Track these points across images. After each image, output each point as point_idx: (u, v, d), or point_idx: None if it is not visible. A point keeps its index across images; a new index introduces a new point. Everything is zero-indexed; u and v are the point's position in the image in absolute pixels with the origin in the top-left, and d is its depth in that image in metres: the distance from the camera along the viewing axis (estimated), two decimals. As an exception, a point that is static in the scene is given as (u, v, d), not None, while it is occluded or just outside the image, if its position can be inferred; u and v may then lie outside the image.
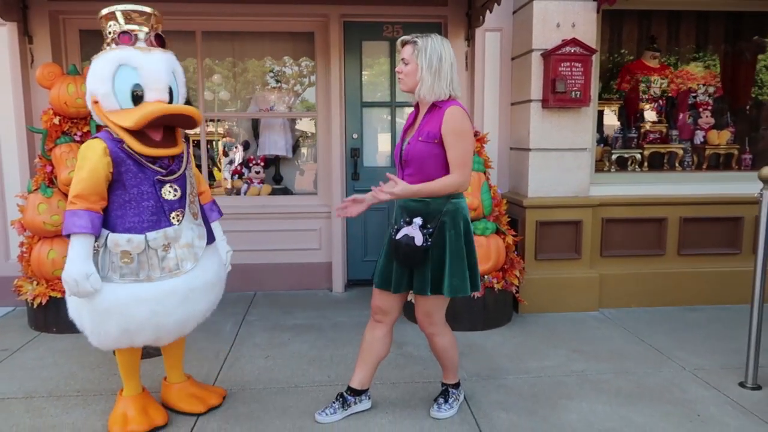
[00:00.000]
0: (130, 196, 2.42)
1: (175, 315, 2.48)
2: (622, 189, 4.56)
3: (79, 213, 2.32)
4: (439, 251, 2.53)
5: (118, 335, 2.44)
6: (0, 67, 4.42)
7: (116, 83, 2.37)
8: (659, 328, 4.03)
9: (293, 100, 5.68)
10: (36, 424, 2.73)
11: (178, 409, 2.79)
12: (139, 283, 2.40)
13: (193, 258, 2.52)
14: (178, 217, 2.50)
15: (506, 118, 4.72)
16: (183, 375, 2.89)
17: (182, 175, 2.56)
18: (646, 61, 5.08)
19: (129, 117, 2.34)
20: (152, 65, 2.41)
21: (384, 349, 2.77)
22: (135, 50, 2.40)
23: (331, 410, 2.77)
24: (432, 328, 2.69)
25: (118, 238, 2.38)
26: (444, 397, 2.84)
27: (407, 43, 2.54)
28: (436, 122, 2.49)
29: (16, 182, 4.49)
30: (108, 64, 2.38)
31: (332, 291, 4.99)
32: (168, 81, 2.46)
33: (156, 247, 2.42)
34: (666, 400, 2.97)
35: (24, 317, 4.16)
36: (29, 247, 4.01)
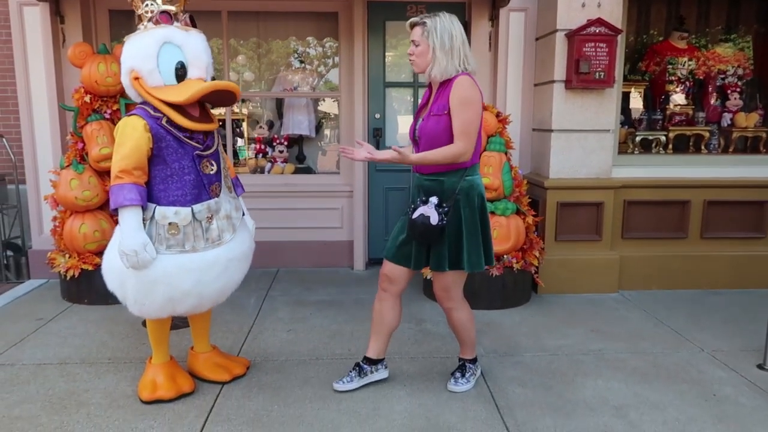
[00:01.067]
0: (171, 171, 2.50)
1: (216, 284, 2.61)
2: (645, 171, 4.53)
3: (127, 186, 2.40)
4: (455, 229, 2.58)
5: (163, 303, 2.54)
6: (33, 47, 4.54)
7: (160, 60, 2.45)
8: (679, 311, 4.03)
9: (317, 80, 5.73)
10: (70, 388, 2.87)
11: (204, 378, 2.90)
12: (185, 254, 2.51)
13: (232, 229, 2.65)
14: (216, 190, 2.61)
15: (529, 99, 4.70)
16: (209, 345, 3.00)
17: (216, 151, 2.66)
18: (673, 42, 5.00)
19: (177, 93, 2.43)
20: (194, 44, 2.51)
21: (394, 319, 2.85)
22: (176, 29, 2.49)
23: (347, 379, 2.87)
24: (450, 303, 2.75)
25: (165, 211, 2.48)
26: (461, 372, 2.89)
27: (416, 25, 2.57)
28: (445, 94, 2.53)
29: (49, 158, 4.63)
30: (152, 42, 2.44)
31: (353, 269, 5.07)
32: (207, 60, 2.56)
33: (201, 219, 2.53)
34: (682, 379, 3.00)
35: (57, 289, 4.32)
36: (62, 222, 4.15)
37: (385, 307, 2.83)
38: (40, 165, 4.67)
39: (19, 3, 4.46)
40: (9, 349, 3.33)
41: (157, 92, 2.45)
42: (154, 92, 2.46)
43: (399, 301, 2.87)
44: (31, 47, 4.54)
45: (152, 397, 2.69)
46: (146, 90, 2.47)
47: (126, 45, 2.53)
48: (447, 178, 2.57)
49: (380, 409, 2.68)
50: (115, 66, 4.03)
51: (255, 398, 2.78)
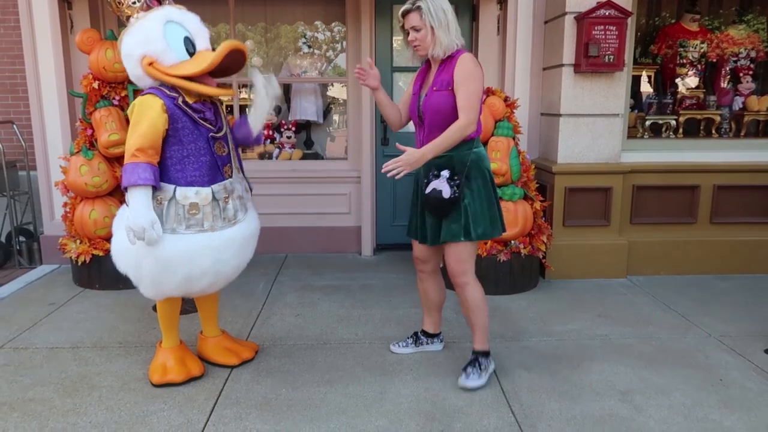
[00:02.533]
0: (188, 152, 2.53)
1: (233, 261, 2.66)
2: (654, 156, 4.49)
3: (142, 166, 2.40)
4: (469, 200, 2.63)
5: (180, 282, 2.57)
6: (41, 33, 4.55)
7: (168, 39, 2.47)
8: (687, 296, 4.02)
9: (325, 65, 5.71)
10: (82, 372, 2.92)
11: (213, 362, 2.95)
12: (205, 233, 2.55)
13: (244, 209, 2.71)
14: (229, 172, 2.65)
15: (537, 83, 4.66)
16: (218, 329, 3.04)
17: (226, 134, 2.70)
18: (685, 24, 4.93)
19: (196, 64, 2.46)
20: (191, 18, 2.57)
21: (438, 294, 3.02)
22: (170, 7, 2.54)
23: (404, 343, 3.12)
24: (464, 277, 2.73)
25: (186, 191, 2.52)
26: (473, 366, 2.79)
27: (410, 12, 2.58)
28: (449, 71, 2.57)
29: (59, 144, 4.67)
30: (155, 23, 2.47)
31: (361, 254, 5.09)
32: (206, 33, 2.61)
33: (219, 199, 2.58)
34: (688, 364, 3.00)
35: (69, 274, 4.38)
36: (72, 208, 4.19)
37: (427, 286, 2.99)
38: (50, 151, 4.70)
39: (26, -11, 4.46)
40: (22, 333, 3.38)
41: (175, 70, 2.46)
42: (173, 71, 2.46)
43: (438, 276, 3.00)
44: (40, 34, 4.55)
45: (163, 380, 2.74)
46: (164, 71, 2.47)
47: (125, 38, 2.53)
48: (456, 153, 2.61)
49: (387, 392, 2.71)
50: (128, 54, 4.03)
51: (263, 382, 2.81)
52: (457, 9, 4.83)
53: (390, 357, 3.07)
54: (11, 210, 4.78)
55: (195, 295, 2.76)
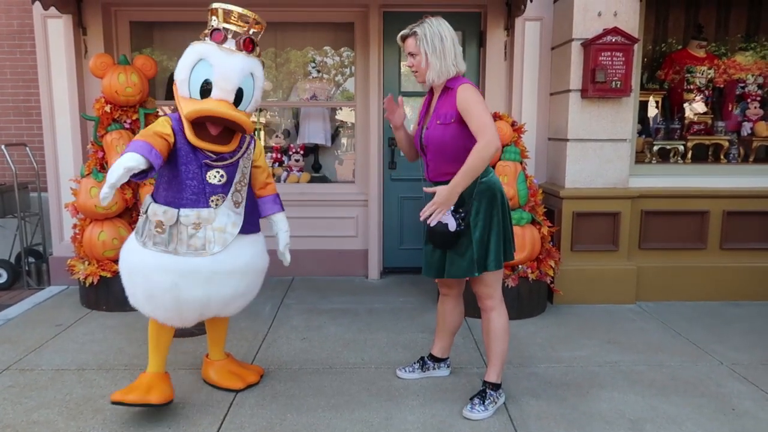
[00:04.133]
0: (177, 172, 2.55)
1: (195, 292, 2.55)
2: (663, 181, 4.48)
3: (140, 142, 2.38)
4: (481, 231, 2.60)
5: (144, 300, 2.58)
6: (56, 57, 4.64)
7: (192, 74, 2.52)
8: (698, 323, 3.97)
9: (333, 89, 5.77)
10: (87, 394, 2.91)
11: (218, 385, 2.93)
12: (167, 254, 2.52)
13: (222, 243, 2.58)
14: (217, 201, 2.59)
15: (545, 108, 4.69)
16: (223, 353, 3.03)
17: (234, 164, 2.65)
18: (692, 50, 4.95)
19: (188, 106, 2.50)
20: (228, 66, 2.51)
21: (456, 319, 3.00)
22: (218, 49, 2.52)
23: (410, 369, 3.08)
24: (490, 301, 2.70)
25: (156, 208, 2.55)
26: (480, 398, 2.70)
27: (408, 37, 2.61)
28: (450, 103, 2.57)
29: (70, 167, 4.72)
30: (192, 55, 2.54)
31: (368, 278, 5.08)
32: (238, 83, 2.54)
33: (186, 224, 2.53)
34: (700, 393, 2.95)
35: (76, 295, 4.39)
36: (81, 229, 4.22)
37: (447, 309, 2.98)
38: (61, 173, 4.75)
39: (43, 15, 4.56)
40: (28, 355, 3.38)
41: (181, 101, 2.56)
42: (180, 101, 2.56)
43: (461, 301, 2.98)
44: (54, 58, 4.64)
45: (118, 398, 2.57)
46: (177, 96, 2.59)
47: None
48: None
49: (392, 418, 2.68)
50: (135, 76, 4.11)
51: (268, 406, 2.79)
52: (464, 35, 4.91)
53: (396, 382, 3.04)
54: (21, 231, 4.82)
55: (176, 325, 2.67)
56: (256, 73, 2.64)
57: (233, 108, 2.53)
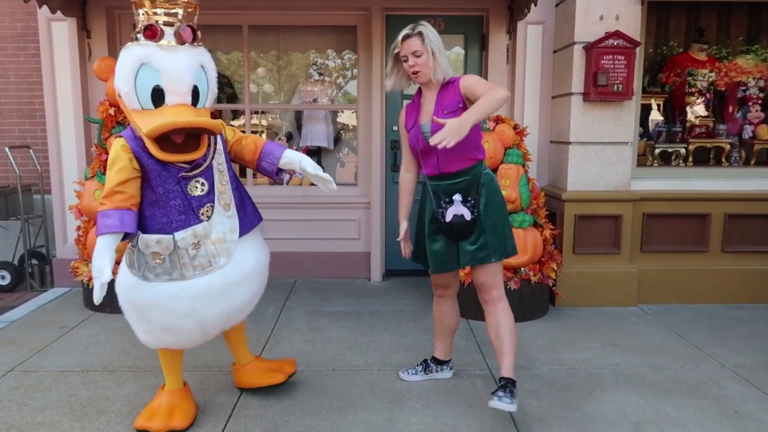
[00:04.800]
0: (157, 196, 2.36)
1: (215, 309, 2.44)
2: (664, 184, 4.49)
3: (109, 213, 2.26)
4: (492, 218, 2.66)
5: (162, 334, 2.43)
6: (61, 60, 4.67)
7: (138, 83, 2.26)
8: (699, 325, 3.98)
9: (335, 92, 5.79)
10: (92, 396, 2.92)
11: (258, 386, 2.84)
12: (175, 282, 2.37)
13: (226, 253, 2.44)
14: (207, 213, 2.42)
15: (546, 111, 4.70)
16: (250, 355, 2.94)
17: (209, 167, 2.45)
18: (693, 53, 4.97)
19: (145, 122, 2.24)
20: (175, 66, 2.27)
21: (453, 319, 3.01)
22: (158, 48, 2.27)
23: (413, 371, 3.10)
24: (498, 292, 2.71)
25: (148, 239, 2.35)
26: (504, 389, 2.54)
27: (411, 36, 2.62)
28: (453, 91, 2.62)
29: (74, 169, 4.74)
30: (130, 62, 2.27)
31: (370, 280, 5.09)
32: (192, 82, 2.32)
33: (185, 246, 2.36)
34: (702, 395, 2.95)
35: (80, 297, 4.40)
36: (85, 231, 4.23)
37: (443, 310, 2.99)
38: (65, 176, 4.78)
39: (47, 18, 4.58)
40: (32, 356, 3.40)
41: (134, 116, 2.30)
42: (133, 115, 2.30)
43: (456, 301, 3.01)
44: (59, 61, 4.67)
45: (141, 425, 2.53)
46: (126, 110, 2.34)
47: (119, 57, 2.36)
48: (470, 176, 2.66)
49: (396, 420, 2.69)
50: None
51: (272, 408, 2.80)
52: (466, 39, 4.93)
53: (399, 384, 3.05)
54: (25, 233, 4.83)
55: (190, 347, 2.59)
56: (207, 64, 2.41)
57: (194, 111, 2.32)
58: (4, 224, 5.16)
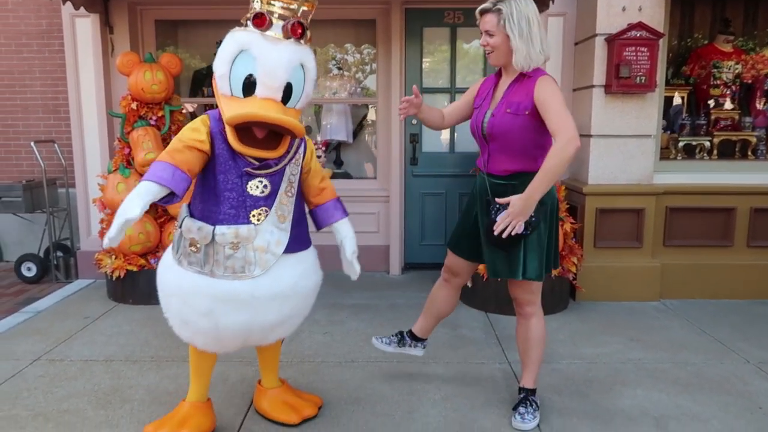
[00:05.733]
0: (215, 182, 2.23)
1: (233, 318, 2.24)
2: (688, 177, 4.43)
3: (164, 165, 2.12)
4: (543, 235, 2.44)
5: (180, 325, 2.33)
6: (84, 56, 4.74)
7: (233, 68, 2.16)
8: (723, 320, 3.91)
9: (354, 86, 5.79)
10: (115, 385, 2.97)
11: (270, 418, 2.62)
12: (202, 275, 2.23)
13: (264, 264, 2.25)
14: (260, 216, 2.25)
15: (568, 103, 4.61)
16: (277, 380, 2.70)
17: (280, 171, 2.29)
18: (718, 45, 4.87)
19: (229, 108, 2.13)
20: (273, 58, 2.14)
21: (448, 307, 2.87)
22: (261, 37, 2.16)
23: (387, 340, 3.00)
24: (532, 308, 2.57)
25: (191, 224, 2.24)
26: (525, 405, 2.57)
27: (488, 12, 2.34)
28: (525, 93, 2.35)
29: (97, 163, 4.81)
30: (231, 45, 2.17)
31: (389, 273, 5.09)
32: (286, 79, 2.17)
33: (222, 243, 2.21)
34: (726, 391, 2.91)
35: (103, 289, 4.47)
36: (108, 224, 4.29)
37: (441, 294, 2.85)
38: (88, 169, 4.85)
39: (71, 14, 4.65)
40: (58, 346, 3.47)
41: (222, 100, 2.20)
42: (221, 98, 2.21)
43: (457, 293, 2.86)
44: (82, 57, 4.74)
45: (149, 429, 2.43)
46: (216, 93, 2.24)
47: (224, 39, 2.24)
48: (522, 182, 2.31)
49: (415, 412, 2.69)
50: (161, 74, 4.18)
51: (291, 399, 2.82)
52: (486, 31, 4.89)
53: (418, 377, 3.06)
54: (50, 226, 4.92)
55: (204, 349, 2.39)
56: (307, 64, 2.25)
57: (281, 108, 2.16)
58: (30, 217, 5.27)
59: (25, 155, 5.49)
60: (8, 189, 4.92)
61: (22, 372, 3.11)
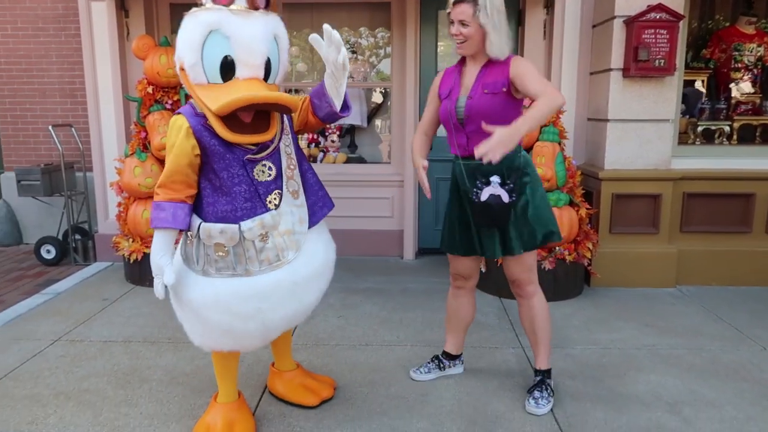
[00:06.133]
0: (220, 181, 2.11)
1: (282, 310, 2.18)
2: (707, 162, 4.36)
3: (162, 205, 2.08)
4: (533, 204, 2.48)
5: (220, 336, 2.18)
6: (100, 40, 4.76)
7: (205, 53, 1.99)
8: (740, 307, 3.88)
9: (369, 70, 5.76)
10: (134, 365, 3.03)
11: (288, 400, 2.60)
12: (238, 278, 2.12)
13: (295, 246, 2.18)
14: (275, 201, 2.17)
15: (584, 88, 4.59)
16: (292, 362, 2.68)
17: (276, 149, 2.19)
18: (740, 27, 4.77)
19: (214, 98, 1.97)
20: (248, 35, 2.00)
21: (470, 313, 2.83)
22: (230, 13, 1.99)
23: (425, 369, 2.89)
24: (532, 287, 2.60)
25: (210, 229, 2.10)
26: (540, 390, 2.59)
27: (462, 2, 2.35)
28: (499, 72, 2.40)
29: (114, 147, 4.86)
30: (198, 29, 1.99)
31: (403, 258, 5.10)
32: (266, 53, 2.05)
33: (252, 238, 2.11)
34: (741, 377, 2.89)
35: (121, 271, 4.54)
36: (126, 208, 4.35)
37: (461, 303, 2.81)
38: (105, 153, 4.90)
39: (87, -1, 4.67)
40: (78, 327, 3.53)
41: (198, 90, 2.03)
42: (197, 90, 2.03)
43: (474, 296, 2.84)
44: (98, 41, 4.76)
45: None
46: (190, 85, 2.06)
47: (181, 26, 2.07)
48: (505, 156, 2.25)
49: (428, 395, 2.71)
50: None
51: (306, 381, 2.85)
52: (503, 14, 4.83)
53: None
54: (68, 209, 4.99)
55: (250, 350, 2.38)
56: (280, 34, 2.15)
57: (267, 86, 2.06)
58: (49, 200, 5.34)
59: (43, 139, 5.56)
60: (27, 173, 4.99)
61: (43, 352, 3.18)
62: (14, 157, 5.66)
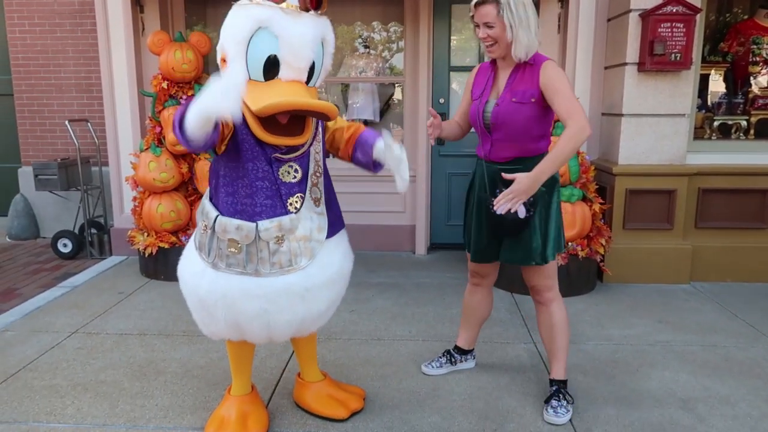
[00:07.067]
0: (243, 172, 2.06)
1: (287, 315, 2.13)
2: (723, 158, 4.32)
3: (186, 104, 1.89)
4: (544, 219, 2.42)
5: (226, 328, 2.18)
6: (115, 35, 4.79)
7: (250, 48, 1.94)
8: (756, 305, 3.84)
9: (381, 65, 5.75)
10: (149, 357, 3.07)
11: (317, 414, 2.48)
12: (247, 276, 2.08)
13: (309, 254, 2.13)
14: (296, 204, 2.12)
15: (599, 82, 4.56)
16: (319, 373, 2.58)
17: (306, 153, 2.15)
18: (759, 20, 4.70)
19: (254, 97, 1.93)
20: (297, 36, 1.95)
21: (486, 310, 2.83)
22: (281, 12, 1.94)
23: (437, 364, 2.89)
24: (551, 293, 2.53)
25: (227, 224, 2.06)
26: (558, 398, 2.49)
27: (485, 3, 2.27)
28: (530, 80, 2.32)
29: (130, 142, 4.90)
30: (246, 23, 1.93)
31: (415, 253, 5.11)
32: (312, 57, 2.01)
33: (267, 239, 2.06)
34: (755, 374, 2.87)
35: (136, 265, 4.60)
36: (141, 202, 4.39)
37: (476, 299, 2.80)
38: (121, 148, 4.94)
39: (103, -6, 4.71)
40: (94, 320, 3.58)
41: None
42: None
43: (491, 292, 2.82)
44: (114, 36, 4.80)
45: None
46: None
47: (228, 15, 2.01)
48: (526, 167, 2.25)
49: (439, 390, 2.72)
50: (191, 53, 4.22)
51: (319, 374, 2.87)
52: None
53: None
54: (84, 203, 5.05)
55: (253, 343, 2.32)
56: (328, 38, 2.10)
57: (307, 90, 2.02)
58: (65, 195, 5.41)
59: (59, 134, 5.63)
60: (44, 167, 5.05)
61: (60, 344, 3.23)
62: (31, 151, 5.74)
